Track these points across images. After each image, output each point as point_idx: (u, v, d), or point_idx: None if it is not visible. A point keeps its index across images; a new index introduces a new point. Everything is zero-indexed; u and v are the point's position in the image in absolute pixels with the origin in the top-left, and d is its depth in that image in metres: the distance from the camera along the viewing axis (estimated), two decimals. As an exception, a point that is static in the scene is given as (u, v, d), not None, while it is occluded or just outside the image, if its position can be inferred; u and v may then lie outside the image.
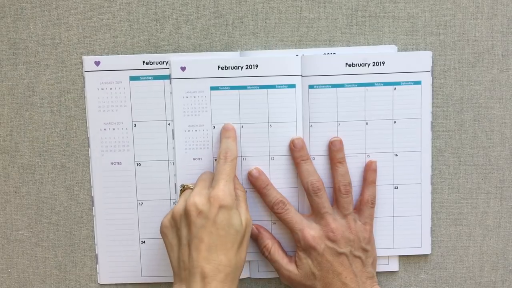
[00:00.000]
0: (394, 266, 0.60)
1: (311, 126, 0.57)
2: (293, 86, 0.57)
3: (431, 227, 0.59)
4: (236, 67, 0.57)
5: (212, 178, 0.54)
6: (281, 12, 0.58)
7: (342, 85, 0.57)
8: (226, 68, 0.57)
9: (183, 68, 0.57)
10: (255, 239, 0.58)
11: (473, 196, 0.59)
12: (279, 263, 0.56)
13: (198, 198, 0.51)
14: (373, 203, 0.57)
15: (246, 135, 0.57)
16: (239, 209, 0.53)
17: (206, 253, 0.49)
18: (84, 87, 0.58)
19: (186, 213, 0.51)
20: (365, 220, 0.56)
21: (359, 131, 0.58)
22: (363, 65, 0.57)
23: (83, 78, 0.58)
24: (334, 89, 0.57)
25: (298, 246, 0.55)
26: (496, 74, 0.58)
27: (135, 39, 0.58)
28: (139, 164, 0.58)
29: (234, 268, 0.50)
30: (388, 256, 0.59)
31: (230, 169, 0.53)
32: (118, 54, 0.58)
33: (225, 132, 0.57)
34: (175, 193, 0.58)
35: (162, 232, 0.53)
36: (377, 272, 0.58)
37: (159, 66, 0.57)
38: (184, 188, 0.55)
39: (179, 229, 0.51)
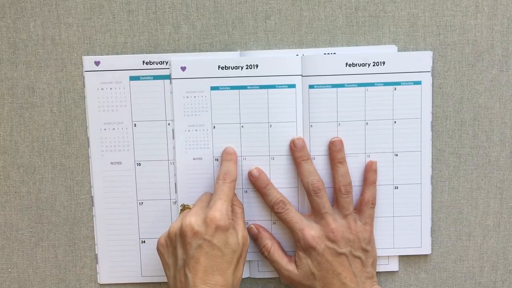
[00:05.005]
0: (394, 266, 0.60)
1: (311, 126, 0.57)
2: (293, 86, 0.57)
3: (431, 227, 0.59)
4: (236, 67, 0.57)
5: (210, 199, 0.54)
6: (281, 12, 0.58)
7: (342, 85, 0.57)
8: (226, 68, 0.57)
9: (183, 68, 0.57)
10: (255, 239, 0.58)
11: (473, 196, 0.59)
12: (278, 263, 0.56)
13: (194, 219, 0.51)
14: (373, 204, 0.57)
15: (246, 135, 0.57)
16: (236, 227, 0.53)
17: (203, 274, 0.49)
18: (84, 87, 0.58)
19: (181, 234, 0.51)
20: (365, 220, 0.56)
21: (359, 131, 0.58)
22: (363, 65, 0.57)
23: (83, 78, 0.58)
24: (334, 89, 0.57)
25: (298, 246, 0.55)
26: (496, 74, 0.58)
27: (135, 39, 0.58)
28: (139, 164, 0.58)
29: (231, 287, 0.50)
30: (388, 256, 0.59)
31: (228, 190, 0.53)
32: (118, 54, 0.58)
33: (226, 155, 0.57)
34: (175, 192, 0.58)
35: (158, 250, 0.53)
36: (377, 272, 0.58)
37: (159, 66, 0.57)
38: (184, 208, 0.55)
39: (175, 249, 0.51)
